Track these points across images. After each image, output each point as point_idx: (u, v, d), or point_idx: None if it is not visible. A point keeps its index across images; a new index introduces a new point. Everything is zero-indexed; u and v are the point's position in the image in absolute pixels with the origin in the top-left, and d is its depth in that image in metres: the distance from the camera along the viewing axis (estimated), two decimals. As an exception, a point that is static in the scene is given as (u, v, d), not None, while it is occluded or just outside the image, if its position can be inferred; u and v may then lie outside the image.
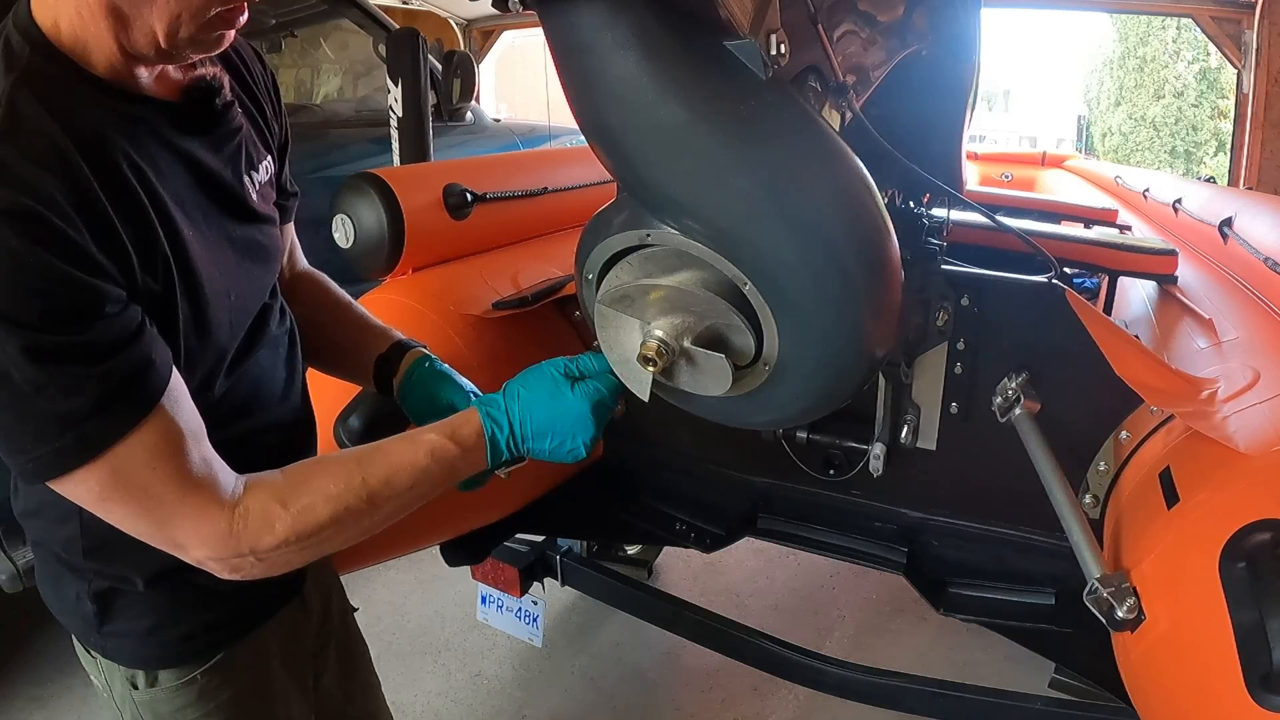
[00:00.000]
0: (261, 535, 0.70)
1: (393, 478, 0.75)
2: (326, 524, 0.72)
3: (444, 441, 0.78)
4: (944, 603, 1.47)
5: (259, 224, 0.83)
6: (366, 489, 0.73)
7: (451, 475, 0.79)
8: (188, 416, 0.68)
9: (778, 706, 2.13)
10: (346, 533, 0.74)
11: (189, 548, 0.69)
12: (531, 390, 0.82)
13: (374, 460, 0.75)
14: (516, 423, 0.81)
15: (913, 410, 1.39)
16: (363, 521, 0.74)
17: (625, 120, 0.71)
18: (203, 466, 0.68)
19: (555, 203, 1.90)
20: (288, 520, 0.70)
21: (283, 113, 0.92)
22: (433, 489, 0.78)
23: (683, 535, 1.70)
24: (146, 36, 0.65)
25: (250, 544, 0.70)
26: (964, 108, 1.43)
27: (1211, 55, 13.03)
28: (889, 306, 0.80)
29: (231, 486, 0.70)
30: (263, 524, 0.70)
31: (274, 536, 0.70)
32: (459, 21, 5.00)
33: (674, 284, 0.78)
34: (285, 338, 0.90)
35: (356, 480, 0.73)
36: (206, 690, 0.85)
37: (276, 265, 0.87)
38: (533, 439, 0.81)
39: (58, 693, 2.08)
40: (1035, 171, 4.26)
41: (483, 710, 2.15)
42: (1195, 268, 1.84)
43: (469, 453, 0.79)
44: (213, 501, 0.68)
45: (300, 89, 3.38)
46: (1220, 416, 0.99)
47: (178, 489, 0.67)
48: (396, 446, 0.77)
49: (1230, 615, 0.73)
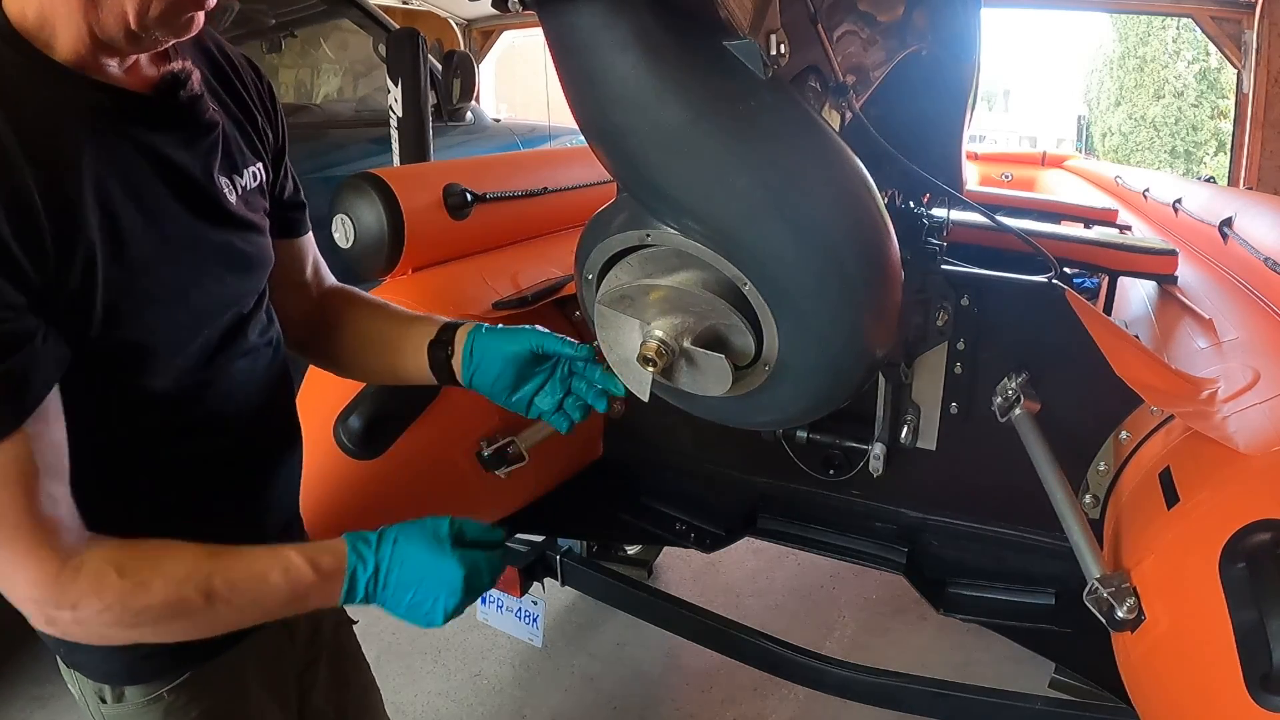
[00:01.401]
0: (87, 595, 0.65)
1: (239, 583, 0.70)
2: (157, 607, 0.67)
3: (301, 563, 0.72)
4: (944, 603, 1.48)
5: (237, 229, 0.80)
6: (209, 585, 0.68)
7: (300, 601, 0.73)
8: (53, 448, 0.65)
9: (778, 706, 2.13)
10: (176, 624, 0.69)
11: (13, 584, 0.65)
12: (410, 539, 0.76)
13: (227, 560, 0.71)
14: (384, 568, 0.75)
15: (913, 410, 1.39)
16: (196, 618, 0.69)
17: (625, 120, 0.71)
18: (49, 506, 0.65)
19: (555, 203, 1.90)
20: (118, 590, 0.66)
21: (280, 122, 0.90)
22: (279, 609, 0.73)
23: (683, 535, 1.70)
24: (117, 17, 0.64)
25: (73, 600, 0.65)
26: (964, 108, 1.43)
27: (1211, 55, 13.04)
28: (889, 307, 0.80)
29: (75, 537, 0.66)
30: (92, 584, 0.65)
31: (99, 601, 0.66)
32: (459, 21, 4.99)
33: (674, 284, 0.78)
34: (269, 352, 0.86)
35: (202, 573, 0.69)
36: (174, 708, 0.82)
37: (258, 274, 0.84)
38: (395, 588, 0.75)
39: (58, 693, 2.08)
40: (1035, 171, 4.26)
41: (483, 710, 2.14)
42: (1195, 268, 1.84)
43: (325, 582, 0.73)
44: (48, 544, 0.64)
45: (300, 89, 3.38)
46: (1220, 416, 0.99)
47: (15, 519, 0.63)
48: (255, 553, 0.72)
49: (1230, 615, 0.73)
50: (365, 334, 0.98)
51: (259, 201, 0.85)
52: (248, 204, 0.82)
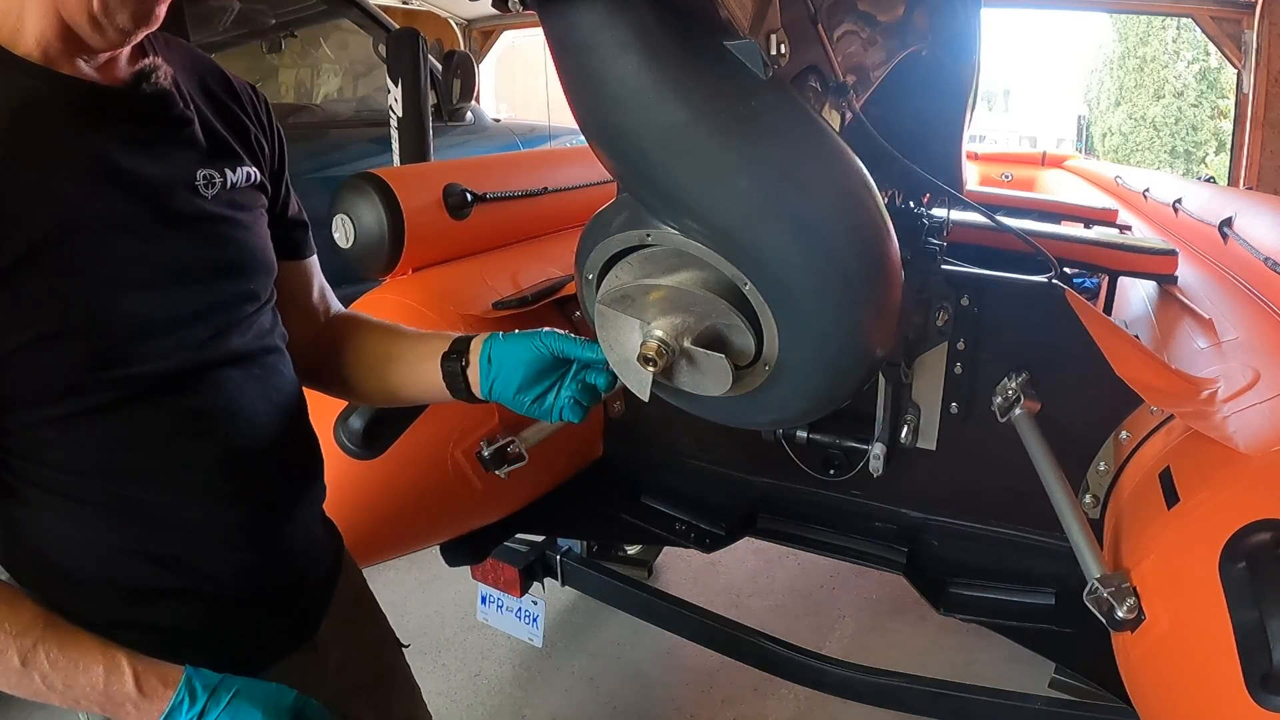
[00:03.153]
0: None
1: (60, 663, 0.66)
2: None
3: (128, 671, 0.68)
4: (944, 603, 1.48)
5: (213, 225, 0.77)
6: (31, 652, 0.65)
7: (115, 709, 0.68)
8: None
9: (778, 706, 2.13)
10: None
11: None
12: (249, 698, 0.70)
13: (59, 637, 0.67)
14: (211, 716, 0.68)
15: (913, 410, 1.39)
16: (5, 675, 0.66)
17: (625, 120, 0.71)
18: None
19: (555, 203, 1.90)
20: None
21: (279, 141, 0.88)
22: (89, 705, 0.68)
23: (683, 535, 1.70)
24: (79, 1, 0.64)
25: None
26: (964, 108, 1.43)
27: (1211, 55, 13.03)
28: (889, 306, 0.80)
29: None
30: None
31: None
32: (459, 21, 4.99)
33: (674, 284, 0.78)
34: (268, 359, 0.82)
35: (31, 638, 0.65)
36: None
37: (244, 274, 0.80)
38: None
39: (58, 693, 2.08)
40: (1035, 171, 4.27)
41: (483, 710, 2.15)
42: (1195, 268, 1.84)
43: (144, 700, 0.68)
44: None
45: (300, 89, 3.38)
46: (1220, 416, 0.99)
47: None
48: (90, 643, 0.68)
49: (1230, 615, 0.73)
50: (374, 354, 0.95)
51: (251, 199, 0.82)
52: (232, 201, 0.78)
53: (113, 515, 0.72)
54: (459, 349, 0.91)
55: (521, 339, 0.89)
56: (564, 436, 1.48)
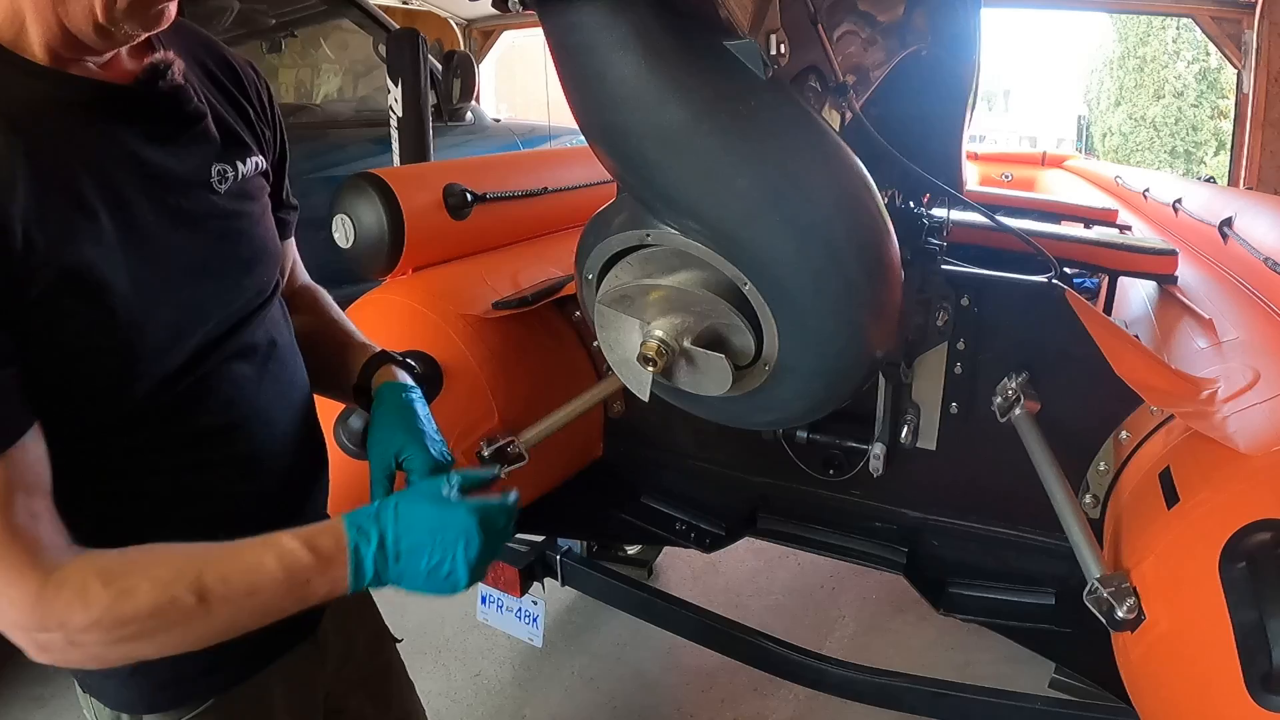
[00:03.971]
0: (73, 610, 0.61)
1: (231, 577, 0.65)
2: (145, 614, 0.62)
3: (298, 547, 0.67)
4: (944, 603, 1.48)
5: (228, 220, 0.76)
6: (200, 583, 0.64)
7: (302, 590, 0.68)
8: (31, 464, 0.62)
9: (778, 706, 2.13)
10: (168, 633, 0.64)
11: None
12: (410, 501, 0.71)
13: (217, 556, 0.66)
14: (390, 536, 0.69)
15: (913, 410, 1.39)
16: (191, 623, 0.64)
17: (625, 120, 0.71)
18: (28, 521, 0.61)
19: (555, 203, 1.90)
20: (104, 600, 0.61)
21: (279, 125, 0.88)
22: (279, 602, 0.68)
23: (683, 535, 1.70)
24: (84, 10, 0.63)
25: (60, 618, 0.61)
26: (964, 108, 1.43)
27: (1211, 55, 13.03)
28: (889, 307, 0.80)
29: (57, 552, 0.62)
30: (77, 598, 0.61)
31: (86, 615, 0.61)
32: (459, 21, 4.99)
33: (674, 284, 0.78)
34: (279, 351, 0.83)
35: (191, 571, 0.64)
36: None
37: (255, 268, 0.80)
38: (406, 556, 0.69)
39: (58, 692, 2.07)
40: (1035, 171, 4.26)
41: (483, 710, 2.14)
42: (1195, 268, 1.84)
43: (326, 566, 0.67)
44: (27, 561, 0.60)
45: (300, 89, 3.38)
46: (1220, 416, 0.99)
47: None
48: (248, 545, 0.67)
49: (1230, 615, 0.73)
50: (307, 339, 0.93)
51: (258, 188, 0.82)
52: (242, 193, 0.78)
53: (137, 520, 0.72)
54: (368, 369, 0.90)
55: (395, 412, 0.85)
56: (564, 436, 1.48)
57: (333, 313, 0.99)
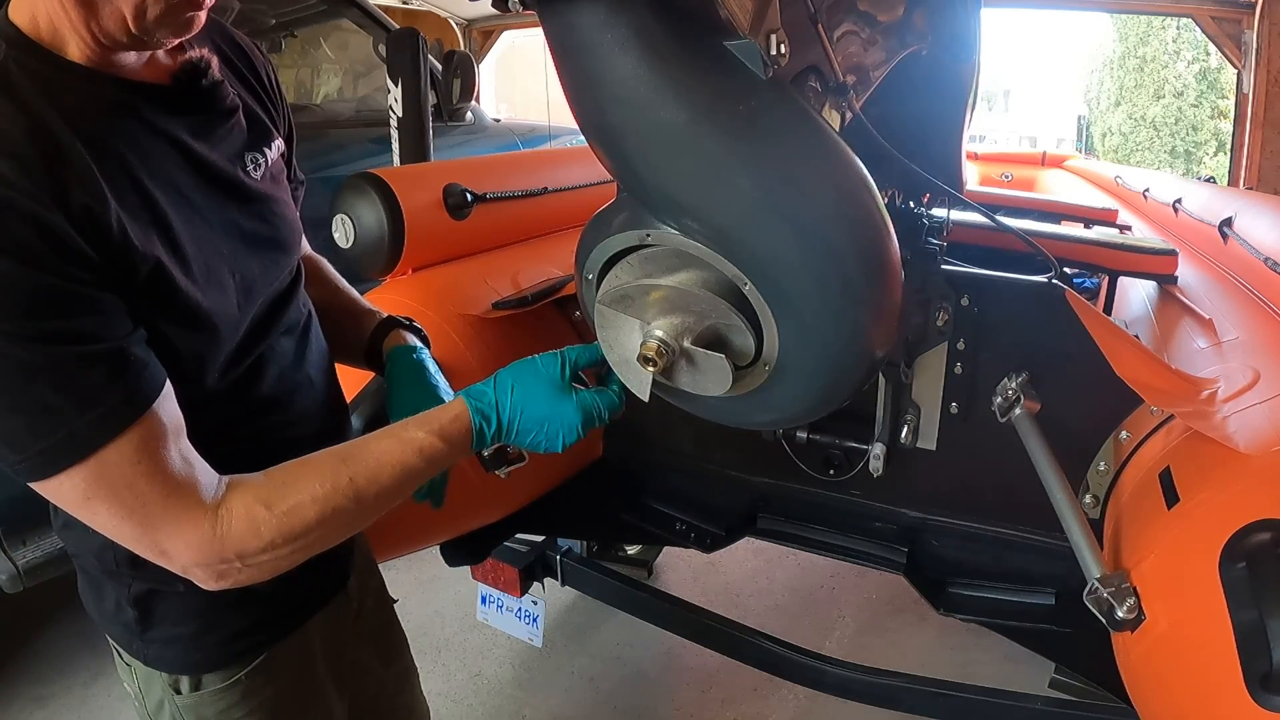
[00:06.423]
0: (247, 539, 0.68)
1: (379, 475, 0.74)
2: (314, 525, 0.70)
3: (432, 440, 0.77)
4: (944, 603, 1.48)
5: (265, 204, 0.81)
6: (354, 488, 0.72)
7: (435, 469, 0.79)
8: (172, 413, 0.67)
9: (778, 706, 2.13)
10: (335, 533, 0.73)
11: (174, 553, 0.67)
12: (526, 390, 0.81)
13: (360, 459, 0.74)
14: (505, 419, 0.80)
15: (913, 410, 1.39)
16: (350, 521, 0.73)
17: (625, 120, 0.71)
18: (184, 466, 0.66)
19: (555, 203, 1.90)
20: (274, 523, 0.68)
21: (284, 103, 0.91)
22: (416, 485, 0.78)
23: (683, 535, 1.70)
24: (116, 21, 0.65)
25: (236, 548, 0.68)
26: (964, 108, 1.43)
27: (1211, 55, 13.04)
28: (889, 306, 0.80)
29: (214, 488, 0.68)
30: (248, 527, 0.68)
31: (260, 540, 0.68)
32: (459, 21, 4.99)
33: (674, 284, 0.78)
34: (305, 324, 0.88)
35: (344, 480, 0.72)
36: (250, 690, 0.85)
37: (291, 247, 0.85)
38: (518, 435, 0.81)
39: (58, 693, 2.08)
40: (1035, 171, 4.26)
41: (483, 710, 2.15)
42: (1195, 268, 1.84)
43: (456, 449, 0.79)
44: (195, 503, 0.66)
45: (300, 89, 3.38)
46: (1220, 416, 0.99)
47: (161, 489, 0.64)
48: (383, 444, 0.76)
49: (1230, 615, 0.73)
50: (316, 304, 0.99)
51: (281, 171, 0.86)
52: (272, 177, 0.83)
53: None
54: (378, 335, 0.99)
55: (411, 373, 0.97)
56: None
57: (337, 281, 1.06)
